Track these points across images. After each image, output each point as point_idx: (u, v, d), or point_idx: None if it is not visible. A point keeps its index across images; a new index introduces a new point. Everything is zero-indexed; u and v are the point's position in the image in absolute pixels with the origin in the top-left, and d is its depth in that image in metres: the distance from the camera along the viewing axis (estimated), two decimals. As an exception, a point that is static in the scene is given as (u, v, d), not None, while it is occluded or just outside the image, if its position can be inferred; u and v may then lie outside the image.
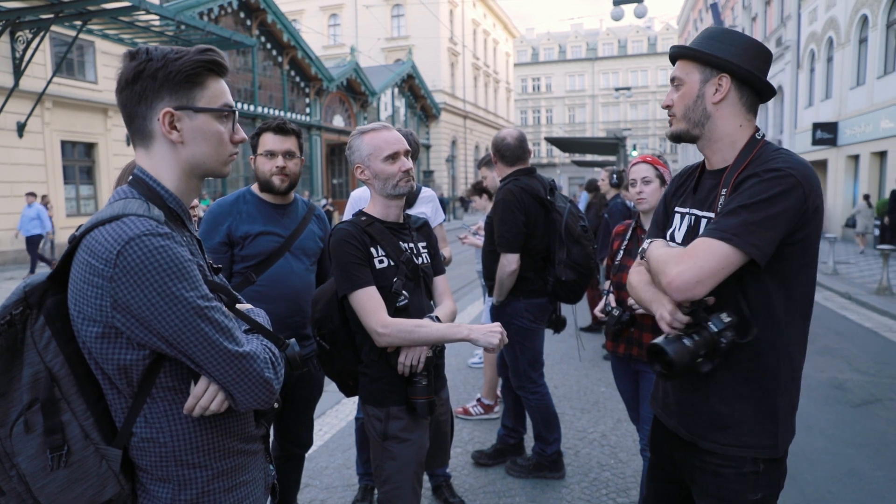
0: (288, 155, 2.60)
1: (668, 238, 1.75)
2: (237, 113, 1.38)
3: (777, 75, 25.69)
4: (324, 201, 23.72)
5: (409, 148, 2.20)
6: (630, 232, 2.99)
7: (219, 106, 1.31)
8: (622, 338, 2.87)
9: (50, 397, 1.16)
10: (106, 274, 1.12)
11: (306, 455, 3.86)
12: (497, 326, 2.01)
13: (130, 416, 1.21)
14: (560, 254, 3.34)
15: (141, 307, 1.12)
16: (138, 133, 1.27)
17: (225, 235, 2.53)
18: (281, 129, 2.62)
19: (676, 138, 1.72)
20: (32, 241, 13.27)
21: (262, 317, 1.39)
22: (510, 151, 3.46)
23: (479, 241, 5.25)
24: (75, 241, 1.18)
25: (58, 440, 1.16)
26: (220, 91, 1.32)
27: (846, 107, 18.94)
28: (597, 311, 2.99)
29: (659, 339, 1.51)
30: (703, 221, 1.63)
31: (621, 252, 2.98)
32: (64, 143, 16.17)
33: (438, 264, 2.35)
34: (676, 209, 1.77)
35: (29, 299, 1.18)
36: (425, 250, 2.29)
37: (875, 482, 3.72)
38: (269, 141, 2.60)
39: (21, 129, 14.79)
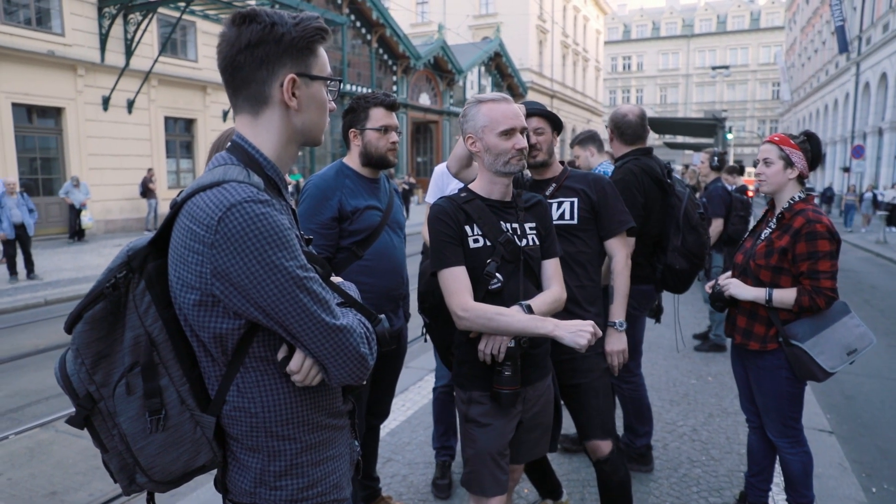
0: (396, 130, 2.60)
1: None
2: (340, 83, 1.36)
3: (882, 62, 23.69)
4: (409, 180, 24.00)
5: (525, 125, 2.08)
6: (763, 214, 2.87)
7: (327, 74, 1.30)
8: (729, 319, 2.83)
9: (149, 361, 1.17)
10: (207, 240, 1.10)
11: (391, 430, 3.97)
12: (588, 325, 1.83)
13: (224, 385, 1.20)
14: (675, 240, 3.20)
15: (240, 275, 1.10)
16: (251, 98, 1.24)
17: (336, 210, 2.47)
18: (392, 104, 2.59)
19: (540, 165, 2.62)
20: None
21: (353, 291, 1.35)
22: (631, 129, 3.28)
23: None
24: (177, 207, 1.17)
25: (156, 404, 1.17)
26: (326, 60, 1.31)
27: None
28: (708, 286, 2.88)
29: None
30: (552, 202, 2.59)
31: (747, 232, 2.90)
32: (167, 119, 17.12)
33: (550, 246, 2.17)
34: None
35: (132, 263, 1.18)
36: (533, 231, 2.12)
37: None
38: (382, 116, 2.56)
39: (130, 105, 15.77)
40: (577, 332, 1.81)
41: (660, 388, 4.91)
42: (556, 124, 2.62)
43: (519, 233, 2.08)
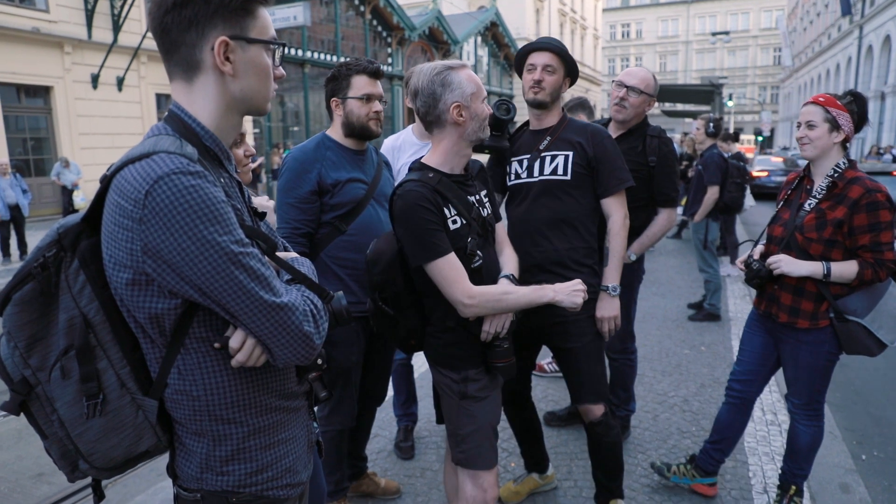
0: (380, 99, 2.50)
1: (514, 176, 2.56)
2: (284, 47, 1.27)
3: (886, 24, 23.05)
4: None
5: None
6: (797, 182, 2.67)
7: (268, 38, 1.21)
8: (765, 294, 2.67)
9: (85, 344, 1.11)
10: (135, 215, 1.03)
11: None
12: (579, 284, 1.91)
13: (164, 367, 1.15)
14: None
15: (171, 252, 1.03)
16: (182, 63, 1.16)
17: (315, 183, 2.38)
18: (376, 72, 2.48)
19: (539, 105, 2.47)
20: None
21: (306, 266, 1.28)
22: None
23: None
24: (106, 181, 1.10)
25: (93, 388, 1.12)
26: (268, 22, 1.22)
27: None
28: (738, 261, 2.73)
29: None
30: (545, 156, 2.48)
31: (780, 203, 2.71)
32: (158, 96, 16.87)
33: (496, 210, 2.18)
34: (513, 159, 2.57)
35: (63, 241, 1.11)
36: (486, 198, 2.11)
37: None
38: (365, 84, 2.45)
39: (120, 83, 15.53)
40: (572, 294, 1.92)
41: (652, 358, 4.88)
42: (571, 68, 2.46)
43: (480, 203, 2.05)
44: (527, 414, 2.84)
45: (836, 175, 2.45)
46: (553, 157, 2.46)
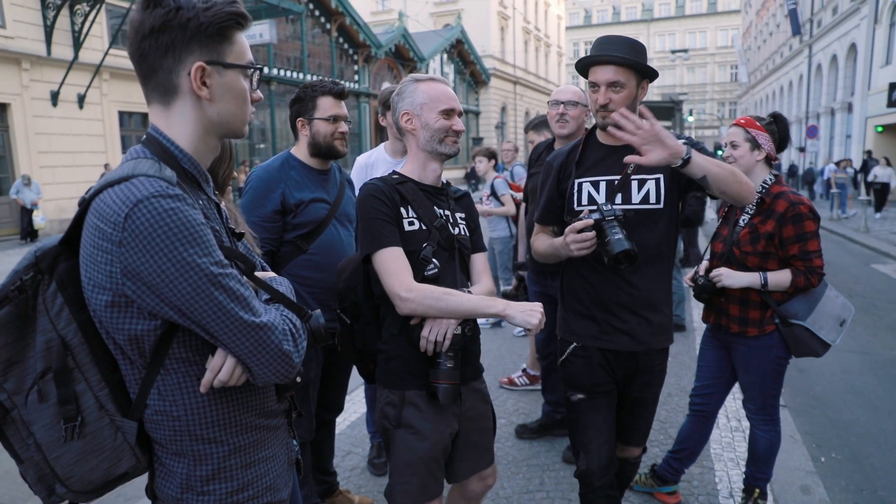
0: (346, 119, 2.54)
1: (587, 201, 2.17)
2: (261, 71, 1.30)
3: (850, 32, 23.98)
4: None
5: (461, 109, 2.02)
6: None
7: (245, 62, 1.24)
8: (713, 307, 2.79)
9: (63, 366, 1.12)
10: (115, 238, 1.05)
11: (351, 423, 3.94)
12: (537, 306, 1.77)
13: (144, 388, 1.16)
14: None
15: (151, 274, 1.05)
16: (159, 88, 1.18)
17: (279, 203, 2.41)
18: (341, 93, 2.52)
19: (606, 128, 2.08)
20: None
21: (284, 286, 1.31)
22: None
23: (492, 207, 5.11)
24: (85, 204, 1.12)
25: (71, 410, 1.12)
26: (245, 47, 1.25)
27: (928, 65, 17.58)
28: (687, 278, 2.85)
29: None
30: (634, 179, 2.13)
31: (720, 220, 2.86)
32: (121, 114, 16.62)
33: (478, 241, 2.12)
34: (582, 180, 2.20)
35: (40, 264, 1.13)
36: (463, 222, 2.07)
37: (950, 467, 3.47)
38: (331, 105, 2.49)
39: (81, 100, 15.25)
40: (528, 312, 1.75)
41: (620, 369, 4.96)
42: (644, 71, 2.08)
43: (451, 220, 2.02)
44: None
45: (763, 191, 2.62)
46: (642, 182, 2.15)
